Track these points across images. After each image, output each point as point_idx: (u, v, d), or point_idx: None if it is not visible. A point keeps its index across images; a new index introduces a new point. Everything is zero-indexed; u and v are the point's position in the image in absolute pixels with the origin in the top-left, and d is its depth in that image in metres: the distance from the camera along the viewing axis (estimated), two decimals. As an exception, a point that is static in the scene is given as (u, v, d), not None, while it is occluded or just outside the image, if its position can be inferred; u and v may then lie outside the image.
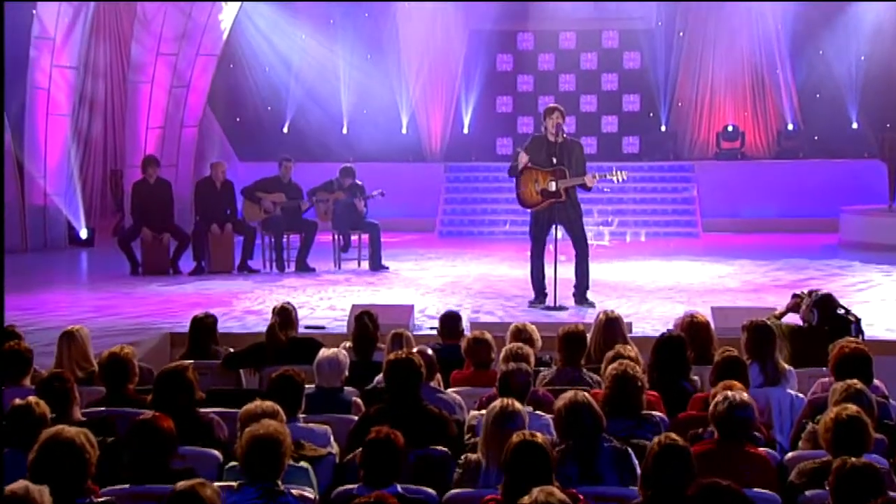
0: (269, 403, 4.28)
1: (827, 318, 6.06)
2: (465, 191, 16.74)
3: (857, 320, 6.10)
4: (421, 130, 17.71)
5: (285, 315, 6.53)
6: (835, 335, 5.74)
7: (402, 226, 15.53)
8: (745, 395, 4.20)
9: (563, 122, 8.91)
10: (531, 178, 9.02)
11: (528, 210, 9.19)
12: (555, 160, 8.86)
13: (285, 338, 6.42)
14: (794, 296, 6.42)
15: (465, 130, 17.82)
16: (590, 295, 9.19)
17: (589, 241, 9.35)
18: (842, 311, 6.11)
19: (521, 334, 5.88)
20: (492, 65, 17.91)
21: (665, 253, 13.30)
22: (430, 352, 5.47)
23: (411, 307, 8.26)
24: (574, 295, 9.16)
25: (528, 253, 9.25)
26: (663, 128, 17.54)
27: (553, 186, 8.93)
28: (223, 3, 14.84)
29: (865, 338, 6.10)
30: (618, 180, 9.26)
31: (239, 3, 15.11)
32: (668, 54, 17.42)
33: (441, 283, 10.73)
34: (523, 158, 8.89)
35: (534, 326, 5.99)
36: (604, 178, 9.16)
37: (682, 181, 16.46)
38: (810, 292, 6.26)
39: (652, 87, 17.50)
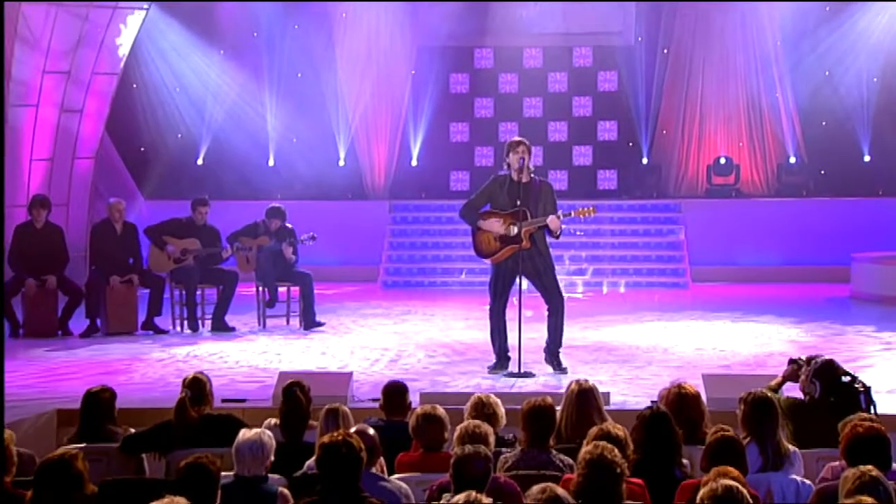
0: (180, 500, 4.23)
1: (831, 389, 6.13)
2: (413, 234, 16.78)
3: (866, 389, 6.18)
4: (362, 163, 17.76)
5: (198, 387, 6.46)
6: (841, 407, 5.80)
7: (339, 276, 15.50)
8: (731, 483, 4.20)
9: (528, 159, 9.00)
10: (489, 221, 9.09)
11: (487, 260, 9.23)
12: (518, 202, 8.93)
13: (197, 415, 6.35)
14: (791, 361, 6.50)
15: (414, 163, 17.90)
16: (562, 356, 9.21)
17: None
18: (847, 379, 6.19)
19: (483, 408, 5.87)
20: (444, 86, 18.06)
21: (648, 307, 13.41)
22: (371, 431, 5.43)
23: (349, 375, 8.22)
24: (545, 351, 9.19)
25: (488, 309, 9.27)
26: (645, 160, 17.76)
27: (513, 231, 8.98)
28: (125, 13, 14.83)
29: (878, 410, 6.17)
30: (586, 217, 9.29)
31: (144, 13, 15.11)
32: (650, 75, 17.68)
33: (385, 345, 10.70)
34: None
35: (498, 400, 5.99)
36: (569, 217, 9.18)
37: (667, 223, 16.66)
38: (809, 359, 6.33)
39: (631, 112, 17.74)
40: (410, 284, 15.89)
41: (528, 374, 8.89)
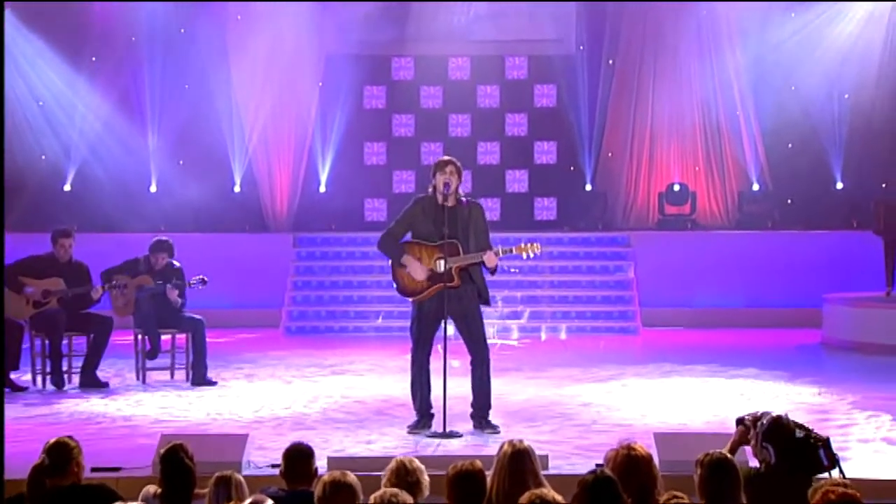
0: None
1: (786, 451, 6.18)
2: (321, 272, 16.74)
3: (825, 441, 6.23)
4: (261, 189, 17.71)
5: (62, 454, 6.32)
6: (802, 468, 5.86)
7: (234, 321, 15.43)
8: None
9: (457, 181, 9.05)
10: (413, 255, 9.11)
11: (409, 299, 9.24)
12: (445, 231, 8.96)
13: (61, 485, 6.22)
14: (739, 422, 6.52)
15: (322, 189, 17.89)
16: (492, 415, 9.24)
17: (491, 340, 9.41)
18: (801, 434, 6.23)
19: (405, 475, 5.83)
20: (358, 100, 18.11)
21: (593, 357, 13.49)
22: (269, 502, 5.39)
23: (245, 437, 8.15)
24: (472, 416, 9.22)
25: (409, 358, 9.27)
26: (588, 187, 17.94)
27: (441, 266, 9.00)
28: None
29: (842, 464, 6.24)
30: (528, 255, 9.36)
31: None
32: (594, 89, 17.89)
33: (288, 402, 10.65)
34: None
35: (422, 466, 5.96)
36: (508, 253, 9.24)
37: (614, 258, 16.83)
38: (755, 420, 6.35)
39: (573, 132, 17.93)
40: (318, 330, 15.84)
41: (453, 434, 8.89)
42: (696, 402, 10.63)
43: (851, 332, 14.04)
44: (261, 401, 10.75)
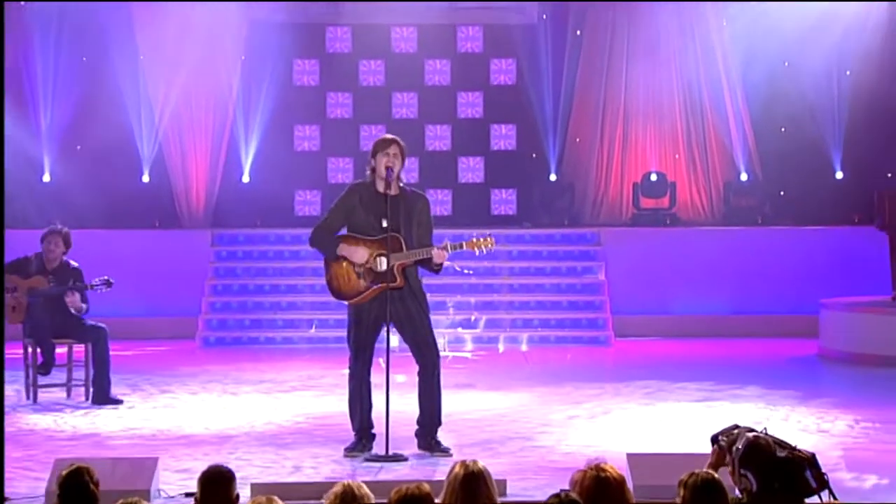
0: None
1: (770, 475, 6.20)
2: (244, 274, 16.69)
3: (810, 458, 6.28)
4: (174, 178, 17.62)
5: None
6: (790, 490, 5.91)
7: (143, 331, 15.38)
8: None
9: (399, 165, 9.05)
10: (350, 245, 9.10)
11: (346, 303, 9.23)
12: (385, 223, 8.96)
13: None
14: (713, 441, 6.54)
15: (245, 178, 17.83)
16: (442, 435, 9.25)
17: (442, 351, 9.42)
18: (783, 454, 6.27)
19: (352, 501, 5.83)
20: (287, 76, 18.06)
21: (558, 372, 13.51)
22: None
23: (155, 461, 8.12)
24: (417, 435, 9.22)
25: (346, 372, 9.26)
26: (553, 177, 17.98)
27: (382, 264, 8.99)
28: None
29: (831, 480, 6.29)
30: (481, 251, 9.37)
31: None
32: (559, 64, 17.93)
33: (204, 422, 10.61)
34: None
35: (370, 493, 5.97)
36: (458, 249, 9.26)
37: (582, 258, 16.88)
38: (730, 444, 6.35)
39: (535, 113, 17.96)
40: (241, 342, 15.81)
41: (397, 457, 8.88)
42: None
43: (852, 342, 14.10)
44: (173, 420, 10.71)
